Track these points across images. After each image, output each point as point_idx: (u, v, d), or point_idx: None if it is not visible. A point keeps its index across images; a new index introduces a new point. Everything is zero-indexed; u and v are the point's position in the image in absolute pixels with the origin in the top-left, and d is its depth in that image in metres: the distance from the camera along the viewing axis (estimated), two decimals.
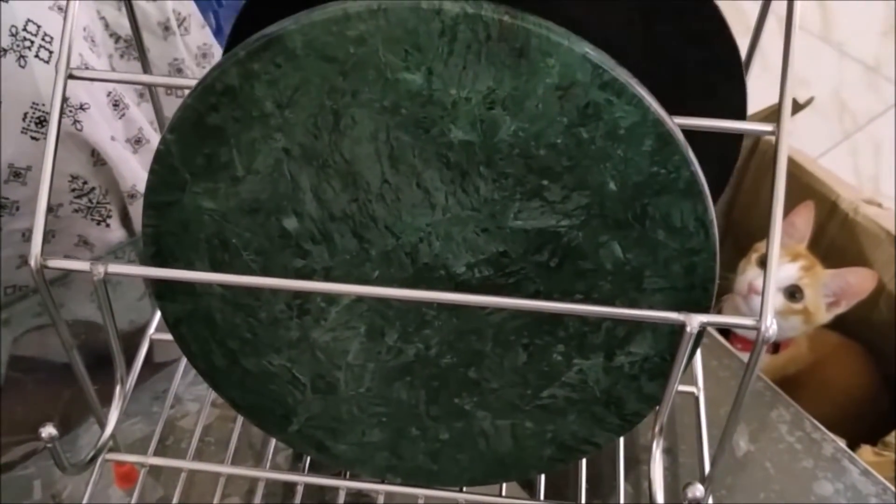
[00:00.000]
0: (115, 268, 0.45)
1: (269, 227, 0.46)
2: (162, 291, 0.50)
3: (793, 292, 1.03)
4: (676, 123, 0.42)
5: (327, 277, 0.47)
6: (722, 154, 0.56)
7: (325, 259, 0.47)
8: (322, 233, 0.46)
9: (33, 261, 0.44)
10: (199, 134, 0.44)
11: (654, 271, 0.45)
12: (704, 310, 0.45)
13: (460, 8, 0.39)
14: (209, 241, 0.47)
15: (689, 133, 0.42)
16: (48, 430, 0.48)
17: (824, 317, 1.04)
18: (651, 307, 0.46)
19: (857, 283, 1.02)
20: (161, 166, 0.45)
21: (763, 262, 1.04)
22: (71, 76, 0.46)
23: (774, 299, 1.02)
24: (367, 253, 0.46)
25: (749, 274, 1.05)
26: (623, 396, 0.49)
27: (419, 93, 0.41)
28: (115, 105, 0.83)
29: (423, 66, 0.40)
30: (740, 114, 0.53)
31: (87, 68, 0.77)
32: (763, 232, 0.42)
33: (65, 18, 0.45)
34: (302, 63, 0.41)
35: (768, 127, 0.43)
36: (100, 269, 0.45)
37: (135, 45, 0.91)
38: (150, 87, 0.61)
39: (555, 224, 0.44)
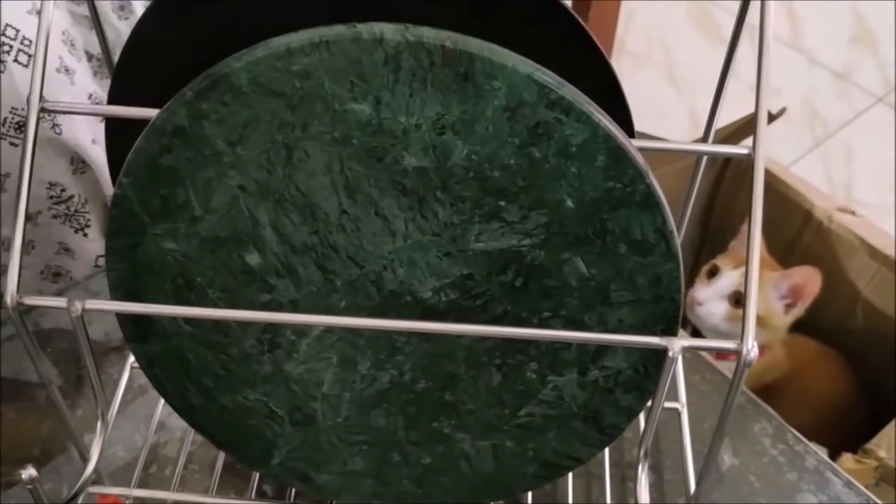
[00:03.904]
0: (92, 304, 0.45)
1: (232, 264, 0.46)
2: (133, 334, 0.50)
3: (737, 298, 1.03)
4: (637, 146, 0.42)
5: (295, 310, 0.47)
6: None
7: (290, 292, 0.46)
8: (285, 266, 0.46)
9: (9, 298, 0.44)
10: (154, 176, 0.44)
11: (619, 285, 0.44)
12: (673, 320, 0.45)
13: (401, 36, 0.39)
14: (174, 281, 0.47)
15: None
16: (29, 472, 0.47)
17: (783, 319, 1.04)
18: (620, 321, 0.45)
19: (804, 281, 1.02)
20: (119, 210, 0.45)
21: (711, 273, 1.05)
22: (43, 109, 0.45)
23: (719, 307, 1.02)
24: (333, 283, 0.46)
25: (695, 286, 1.06)
26: (600, 410, 0.49)
27: (368, 122, 0.41)
28: None
29: (369, 95, 0.40)
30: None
31: (67, 71, 0.78)
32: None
33: (35, 51, 0.45)
34: (249, 100, 0.41)
35: (743, 150, 0.43)
36: (77, 306, 0.44)
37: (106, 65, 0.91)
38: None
39: (516, 244, 0.44)
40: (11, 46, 0.71)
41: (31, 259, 0.84)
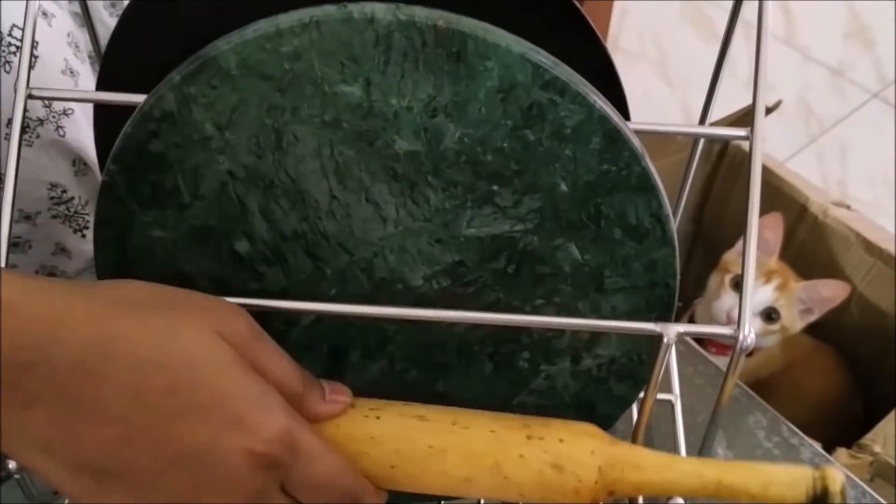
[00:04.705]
0: None
1: (220, 253, 0.45)
2: None
3: (769, 314, 1.03)
4: (632, 129, 0.41)
5: (284, 299, 0.46)
6: None
7: (280, 280, 0.46)
8: (275, 254, 0.45)
9: None
10: (142, 162, 0.43)
11: (613, 271, 0.44)
12: (668, 307, 0.45)
13: (393, 16, 0.38)
14: (163, 270, 0.46)
15: None
16: (14, 463, 0.47)
17: (798, 326, 1.04)
18: (613, 307, 0.45)
19: (830, 294, 1.02)
20: (107, 197, 0.44)
21: (738, 285, 1.04)
22: (30, 96, 0.45)
23: (753, 324, 1.02)
24: (323, 271, 0.45)
25: (725, 302, 1.05)
26: (593, 400, 0.48)
27: (359, 105, 0.40)
28: None
29: (360, 77, 0.39)
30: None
31: (72, 73, 0.77)
32: (733, 238, 0.41)
33: (23, 39, 0.45)
34: (238, 83, 0.40)
35: (741, 132, 0.42)
36: None
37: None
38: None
39: (509, 230, 0.43)
40: (18, 48, 0.70)
41: (26, 258, 0.83)
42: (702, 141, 0.54)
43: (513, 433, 0.44)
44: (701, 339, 1.08)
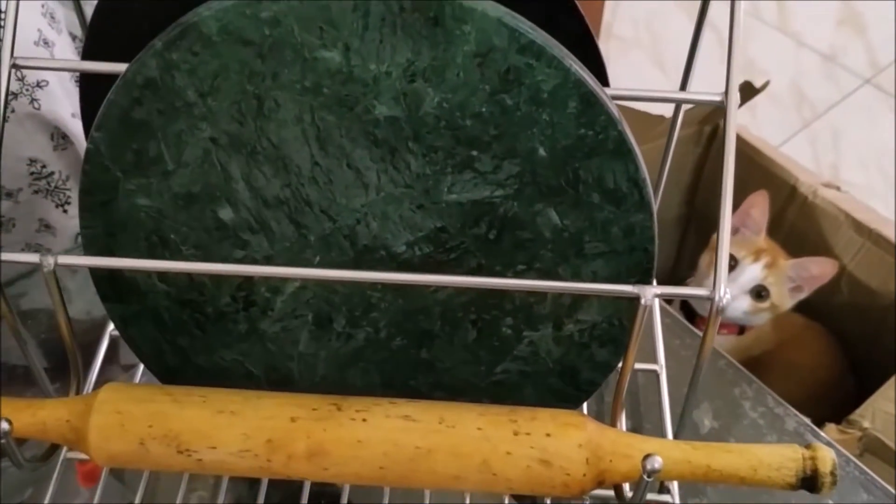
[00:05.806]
0: (65, 259, 0.44)
1: (205, 220, 0.46)
2: (107, 293, 0.49)
3: (759, 292, 1.04)
4: (609, 94, 0.41)
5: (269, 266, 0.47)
6: None
7: (264, 248, 0.46)
8: (258, 221, 0.45)
9: None
10: (125, 129, 0.43)
11: (592, 236, 0.44)
12: (647, 271, 0.45)
13: None
14: (148, 238, 0.47)
15: None
16: (2, 426, 0.47)
17: (788, 304, 1.05)
18: (594, 272, 0.45)
19: (819, 271, 1.03)
20: (92, 165, 0.45)
21: (730, 265, 1.05)
22: (15, 65, 0.45)
23: (743, 303, 1.03)
24: (306, 238, 0.46)
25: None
26: (576, 366, 0.49)
27: (339, 70, 0.41)
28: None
29: (339, 42, 0.40)
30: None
31: (46, 44, 0.77)
32: None
33: (7, 7, 0.45)
34: (219, 49, 0.40)
35: (716, 96, 0.43)
36: (49, 261, 0.44)
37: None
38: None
39: (489, 195, 0.44)
40: None
41: (11, 237, 0.83)
42: (682, 113, 0.54)
43: (499, 430, 0.45)
44: (693, 318, 1.08)
